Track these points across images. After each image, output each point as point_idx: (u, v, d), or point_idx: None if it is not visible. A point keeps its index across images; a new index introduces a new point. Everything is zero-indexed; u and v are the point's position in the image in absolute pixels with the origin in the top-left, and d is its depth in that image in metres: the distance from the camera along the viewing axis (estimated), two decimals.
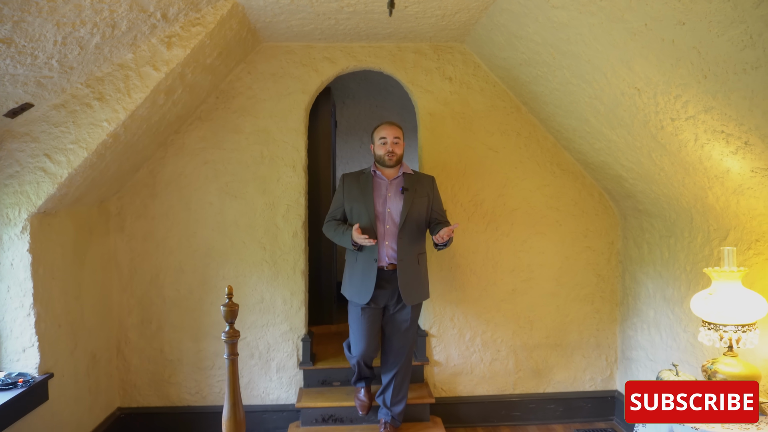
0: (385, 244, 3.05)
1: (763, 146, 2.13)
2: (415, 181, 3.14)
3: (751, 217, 2.56)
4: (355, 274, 3.12)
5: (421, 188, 3.12)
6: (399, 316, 3.17)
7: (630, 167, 3.17)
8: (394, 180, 3.13)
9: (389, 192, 3.10)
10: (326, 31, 3.39)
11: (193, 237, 3.68)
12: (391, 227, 3.05)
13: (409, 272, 3.07)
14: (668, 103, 2.41)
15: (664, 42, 2.12)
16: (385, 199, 3.08)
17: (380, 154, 3.09)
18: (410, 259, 3.07)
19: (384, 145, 3.08)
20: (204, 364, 3.72)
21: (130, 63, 2.75)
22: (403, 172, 3.14)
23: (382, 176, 3.13)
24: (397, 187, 3.10)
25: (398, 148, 3.09)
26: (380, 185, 3.12)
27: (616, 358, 3.89)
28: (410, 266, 3.07)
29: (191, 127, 3.64)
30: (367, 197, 3.07)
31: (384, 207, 3.07)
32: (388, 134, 3.08)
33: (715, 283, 2.41)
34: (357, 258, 3.10)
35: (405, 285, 3.05)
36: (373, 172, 3.16)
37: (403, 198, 3.05)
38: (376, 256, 3.03)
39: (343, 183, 3.20)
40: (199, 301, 3.69)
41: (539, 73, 3.18)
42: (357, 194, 3.11)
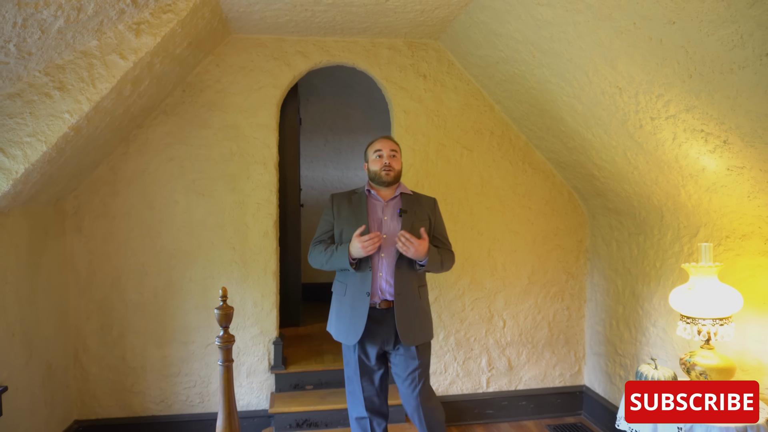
0: (380, 276, 2.55)
1: (742, 144, 2.20)
2: (414, 202, 2.69)
3: (723, 215, 2.65)
4: (344, 309, 2.62)
5: (421, 210, 2.67)
6: (404, 360, 2.61)
7: (603, 166, 3.23)
8: (390, 201, 2.68)
9: (385, 215, 2.64)
10: (300, 24, 3.29)
11: (157, 237, 3.49)
12: (387, 257, 2.55)
13: (409, 308, 2.57)
14: (649, 102, 2.46)
15: (651, 41, 2.15)
16: (381, 223, 2.62)
17: (375, 170, 2.64)
18: (409, 293, 2.58)
19: (380, 158, 2.64)
20: (170, 371, 3.53)
21: (95, 50, 2.57)
22: (400, 192, 2.70)
23: (378, 197, 2.67)
24: (395, 209, 2.65)
25: (396, 163, 2.65)
26: (375, 207, 2.67)
27: (584, 354, 3.97)
28: (410, 301, 2.58)
29: (156, 121, 3.45)
30: (360, 220, 2.58)
31: (380, 231, 2.59)
32: (384, 147, 2.65)
33: (693, 278, 2.48)
34: (346, 290, 2.62)
35: (404, 323, 2.54)
36: (368, 192, 2.69)
37: (401, 222, 2.58)
38: (369, 290, 2.53)
39: (332, 203, 2.73)
40: (164, 304, 3.51)
41: (517, 72, 3.19)
42: (348, 216, 2.64)
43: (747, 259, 2.55)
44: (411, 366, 2.61)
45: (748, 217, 2.50)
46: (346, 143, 5.91)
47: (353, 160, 5.94)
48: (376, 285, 2.55)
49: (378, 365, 2.66)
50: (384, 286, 2.56)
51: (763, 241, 2.46)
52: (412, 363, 2.61)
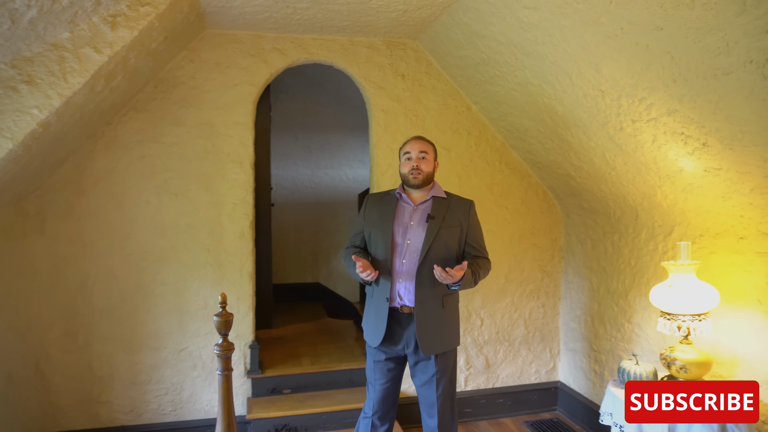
0: (399, 282, 2.48)
1: (721, 147, 2.29)
2: (445, 207, 2.56)
3: (697, 214, 2.75)
4: (370, 311, 2.60)
5: (453, 216, 2.54)
6: (424, 367, 2.54)
7: (580, 166, 3.30)
8: (420, 205, 2.57)
9: (412, 220, 2.54)
10: (280, 21, 3.21)
11: (127, 239, 3.34)
12: (409, 262, 2.48)
13: (430, 317, 2.48)
14: (632, 106, 2.52)
15: (638, 46, 2.21)
16: (407, 228, 2.53)
17: (404, 173, 2.57)
18: (432, 302, 2.48)
19: (408, 161, 2.56)
20: (139, 379, 3.39)
21: (66, 43, 2.43)
22: (432, 195, 2.58)
23: (408, 200, 2.58)
24: (423, 214, 2.54)
25: (425, 165, 2.54)
26: (403, 211, 2.57)
27: (559, 351, 4.06)
28: (432, 310, 2.48)
29: (126, 118, 3.30)
30: (386, 224, 2.53)
31: (404, 238, 2.51)
32: (413, 148, 2.56)
33: (672, 275, 2.56)
34: (373, 293, 2.58)
35: (424, 332, 2.45)
36: (398, 195, 2.62)
37: (427, 228, 2.49)
38: (388, 295, 2.48)
39: (365, 204, 2.70)
40: (133, 309, 3.36)
41: (497, 73, 3.22)
42: (376, 219, 2.58)
43: (720, 257, 2.65)
44: (430, 371, 2.52)
45: (722, 217, 2.60)
46: (316, 141, 5.83)
47: (324, 158, 5.87)
48: (394, 290, 2.49)
49: (395, 368, 2.60)
50: (402, 292, 2.48)
51: (736, 240, 2.57)
52: (431, 368, 2.52)
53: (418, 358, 2.53)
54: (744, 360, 2.55)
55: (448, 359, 2.58)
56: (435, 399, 2.54)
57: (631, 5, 2.07)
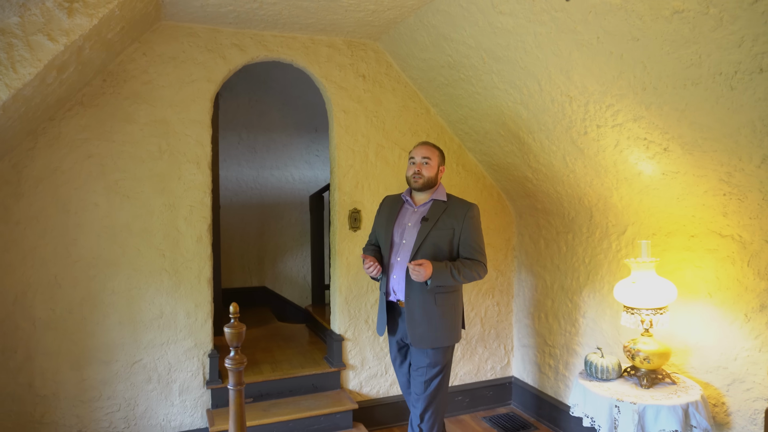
0: (393, 278, 2.71)
1: (681, 152, 2.46)
2: (442, 210, 2.72)
3: (650, 214, 2.94)
4: (379, 304, 2.85)
5: (447, 219, 2.70)
6: (416, 357, 2.73)
7: (538, 169, 3.43)
8: (421, 207, 2.76)
9: (410, 221, 2.75)
10: (242, 15, 3.09)
11: (72, 245, 3.07)
12: (402, 261, 2.68)
13: (419, 312, 2.64)
14: (598, 111, 2.66)
15: (612, 55, 2.33)
16: (405, 229, 2.74)
17: (407, 176, 2.76)
18: (421, 297, 2.64)
19: (412, 165, 2.74)
20: (88, 396, 3.13)
21: (15, 29, 2.20)
22: (433, 198, 2.75)
23: (411, 202, 2.80)
24: (420, 217, 2.73)
25: (427, 170, 2.70)
26: (405, 213, 2.80)
27: (513, 347, 4.20)
28: (421, 305, 2.64)
29: (71, 113, 3.04)
30: (389, 224, 2.77)
31: (401, 237, 2.73)
32: (417, 153, 2.73)
33: (634, 272, 2.72)
34: (380, 287, 2.84)
35: (411, 325, 2.65)
36: (404, 198, 2.82)
37: (419, 230, 2.69)
38: (386, 290, 2.74)
39: (380, 206, 2.95)
40: (81, 320, 3.10)
41: (462, 77, 3.27)
42: (384, 220, 2.83)
43: (672, 254, 2.85)
44: (422, 362, 2.70)
45: (674, 217, 2.80)
46: (261, 142, 5.66)
47: (269, 159, 5.72)
48: (389, 285, 2.74)
49: (403, 355, 2.87)
50: (396, 287, 2.72)
51: (688, 238, 2.77)
52: (420, 362, 2.70)
53: (414, 348, 2.74)
54: (696, 349, 2.76)
55: (441, 355, 2.71)
56: (422, 389, 2.72)
57: (609, 16, 2.17)
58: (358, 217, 3.68)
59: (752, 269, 2.48)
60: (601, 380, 2.73)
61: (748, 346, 2.52)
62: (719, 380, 2.65)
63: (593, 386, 2.67)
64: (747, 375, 2.53)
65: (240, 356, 1.72)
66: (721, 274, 2.61)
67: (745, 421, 2.54)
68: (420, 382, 2.70)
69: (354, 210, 3.66)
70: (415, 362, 2.73)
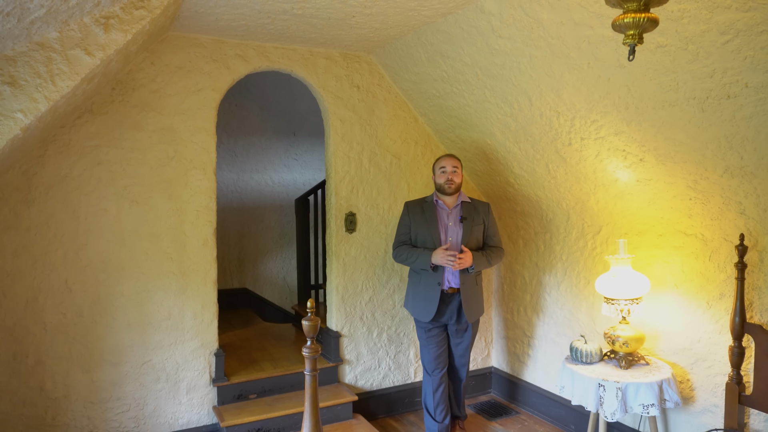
0: (447, 270, 3.27)
1: (655, 162, 2.83)
2: (472, 209, 3.38)
3: (623, 216, 3.32)
4: (419, 295, 3.36)
5: (477, 216, 3.37)
6: (463, 333, 3.43)
7: (521, 175, 3.76)
8: (454, 209, 3.37)
9: (449, 221, 3.34)
10: (251, 29, 3.24)
11: (82, 250, 3.14)
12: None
13: (470, 293, 3.32)
14: (583, 126, 2.99)
15: (600, 78, 2.66)
16: (447, 228, 3.32)
17: (440, 183, 3.33)
18: (470, 282, 3.32)
19: (444, 173, 3.32)
20: (99, 397, 3.20)
21: (54, 43, 2.30)
22: (461, 201, 3.38)
23: (444, 205, 3.37)
24: (457, 216, 3.35)
25: (457, 177, 3.32)
26: (441, 214, 3.36)
27: (492, 339, 4.52)
28: (470, 288, 3.32)
29: (81, 120, 3.10)
30: (431, 226, 3.32)
31: (446, 235, 3.31)
32: (447, 164, 3.33)
33: (613, 267, 3.08)
34: (420, 280, 3.34)
35: (467, 305, 3.30)
36: (435, 201, 3.38)
37: (462, 227, 3.31)
38: (440, 280, 3.26)
39: (407, 210, 3.44)
40: (91, 324, 3.17)
41: (455, 90, 3.55)
42: (421, 222, 3.34)
43: (643, 251, 3.23)
44: (467, 338, 3.46)
45: (645, 218, 3.18)
46: (241, 146, 5.76)
47: (249, 162, 5.82)
48: (444, 276, 3.29)
49: (441, 334, 3.42)
50: (450, 278, 3.30)
51: (656, 236, 3.16)
52: (467, 335, 3.45)
53: (458, 327, 3.40)
54: (665, 333, 3.15)
55: (477, 326, 3.52)
56: (467, 360, 3.53)
57: (601, 45, 2.50)
58: (354, 220, 3.89)
59: (713, 263, 2.88)
60: (585, 364, 3.08)
61: (709, 329, 2.92)
62: (685, 360, 3.05)
63: (579, 369, 3.01)
64: (709, 354, 2.93)
65: (315, 345, 1.90)
66: (686, 268, 3.01)
67: (707, 394, 2.94)
68: (466, 355, 3.50)
69: (350, 213, 3.87)
70: (460, 337, 3.44)
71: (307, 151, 6.12)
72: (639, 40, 1.54)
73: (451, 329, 3.43)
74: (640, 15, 1.50)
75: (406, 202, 3.50)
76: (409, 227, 3.41)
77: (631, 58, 1.54)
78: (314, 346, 1.88)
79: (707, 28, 2.11)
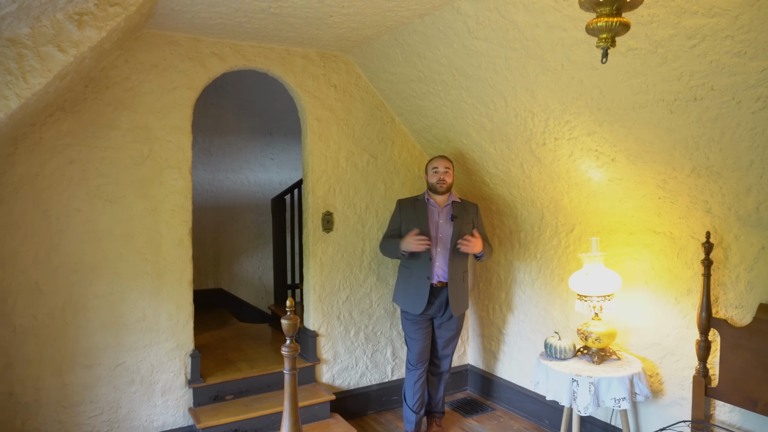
0: (437, 265, 3.45)
1: (626, 162, 2.91)
2: (462, 209, 3.55)
3: (596, 215, 3.40)
4: (410, 288, 3.51)
5: (467, 215, 3.54)
6: (448, 325, 3.58)
7: (496, 174, 3.82)
8: (444, 207, 3.52)
9: (440, 219, 3.50)
10: (227, 27, 3.22)
11: (54, 250, 3.07)
12: (443, 250, 3.46)
13: (456, 288, 3.51)
14: (557, 126, 3.06)
15: (573, 80, 2.72)
16: (437, 226, 3.48)
17: (432, 182, 3.49)
18: (458, 277, 3.52)
19: (436, 173, 3.48)
20: (71, 401, 3.14)
21: (26, 39, 2.26)
22: (452, 200, 3.54)
23: (435, 204, 3.52)
24: (447, 215, 3.50)
25: (448, 177, 3.48)
26: (433, 212, 3.52)
27: (468, 337, 4.58)
28: (457, 283, 3.52)
29: (52, 118, 3.04)
30: (422, 223, 3.45)
31: (436, 232, 3.47)
32: (440, 165, 3.48)
33: (586, 264, 3.15)
34: (411, 274, 3.50)
35: (454, 299, 3.48)
36: (427, 200, 3.53)
37: (453, 225, 3.47)
38: (429, 274, 3.43)
39: (399, 208, 3.59)
40: (63, 326, 3.11)
41: (431, 90, 3.59)
42: (413, 219, 3.48)
43: (614, 249, 3.32)
44: (451, 330, 3.61)
45: (616, 217, 3.26)
46: (216, 145, 5.70)
47: (224, 162, 5.77)
48: (433, 271, 3.46)
49: (428, 326, 3.57)
50: (439, 272, 3.47)
51: (627, 234, 3.24)
52: (452, 328, 3.60)
53: (443, 320, 3.56)
54: (635, 329, 3.24)
55: (462, 320, 3.68)
56: (450, 352, 3.67)
57: (574, 48, 2.56)
58: (331, 219, 3.90)
59: (681, 260, 2.97)
60: (559, 359, 3.14)
61: (677, 324, 3.02)
62: (654, 354, 3.14)
63: (553, 365, 3.07)
64: (677, 349, 3.02)
65: (295, 344, 1.91)
66: (656, 265, 3.10)
67: (675, 387, 3.04)
68: (447, 340, 3.62)
69: (327, 213, 3.88)
70: (446, 329, 3.59)
71: (283, 151, 6.09)
72: (612, 43, 1.59)
73: (437, 322, 3.58)
74: (612, 19, 1.55)
75: (399, 200, 3.65)
76: (399, 224, 3.56)
77: (604, 60, 1.59)
78: (294, 345, 1.88)
79: (675, 32, 2.18)
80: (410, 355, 3.61)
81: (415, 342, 3.55)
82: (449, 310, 3.50)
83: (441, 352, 3.66)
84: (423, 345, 3.56)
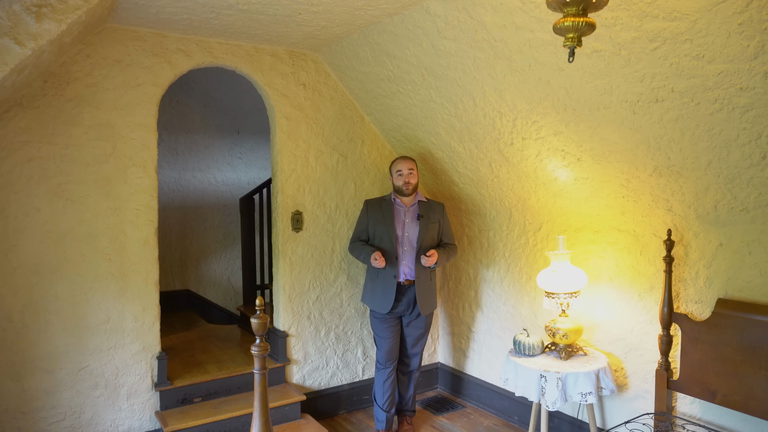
0: (403, 263, 3.50)
1: (591, 162, 2.97)
2: (428, 208, 3.59)
3: (562, 213, 3.46)
4: (377, 287, 3.55)
5: (433, 215, 3.59)
6: (416, 324, 3.62)
7: (465, 174, 3.85)
8: (410, 207, 3.57)
9: (406, 218, 3.55)
10: (194, 23, 3.16)
11: (12, 251, 2.96)
12: (409, 249, 3.51)
13: (424, 287, 3.55)
14: (524, 126, 3.11)
15: (540, 80, 2.77)
16: (404, 225, 3.54)
17: (398, 185, 3.52)
18: (425, 276, 3.56)
19: (401, 176, 3.50)
20: (31, 407, 3.03)
21: None
22: (418, 200, 3.59)
23: (401, 204, 3.57)
24: (413, 214, 3.56)
25: (413, 178, 3.52)
26: (399, 212, 3.57)
27: (439, 335, 4.60)
28: (424, 282, 3.56)
29: (9, 114, 2.93)
30: (389, 223, 3.52)
31: (402, 231, 3.53)
32: (404, 167, 3.51)
33: (553, 262, 3.21)
34: (378, 273, 3.53)
35: (421, 297, 3.52)
36: (393, 200, 3.58)
37: (419, 224, 3.51)
38: (396, 273, 3.48)
39: (366, 208, 3.64)
40: (22, 329, 3.00)
41: (401, 90, 3.60)
42: (380, 219, 3.54)
43: (581, 247, 3.39)
44: (419, 329, 3.64)
45: (582, 216, 3.33)
46: (182, 143, 5.59)
47: (191, 161, 5.66)
48: (400, 270, 3.52)
49: (396, 325, 3.60)
50: (406, 271, 3.52)
51: (593, 233, 3.32)
52: (420, 326, 3.64)
53: (411, 318, 3.60)
54: (600, 325, 3.32)
55: (430, 318, 3.71)
56: (419, 350, 3.70)
57: (541, 49, 2.60)
58: (300, 218, 3.87)
59: (644, 257, 3.06)
60: (528, 356, 3.19)
61: (641, 320, 3.10)
62: (619, 350, 3.22)
63: (522, 361, 3.11)
64: (641, 344, 3.11)
65: (265, 343, 1.88)
66: (620, 262, 3.18)
67: (639, 381, 3.12)
68: (416, 338, 3.65)
69: (296, 212, 3.85)
70: (414, 327, 3.62)
71: (251, 150, 6.01)
72: (578, 43, 1.63)
73: (405, 320, 3.62)
74: (579, 19, 1.58)
75: (366, 200, 3.68)
76: (366, 224, 3.60)
77: (571, 59, 1.62)
78: (264, 344, 1.86)
79: (638, 35, 2.24)
80: (379, 354, 3.63)
81: (384, 340, 3.57)
82: (417, 309, 3.54)
83: (410, 350, 3.68)
84: (392, 343, 3.58)
